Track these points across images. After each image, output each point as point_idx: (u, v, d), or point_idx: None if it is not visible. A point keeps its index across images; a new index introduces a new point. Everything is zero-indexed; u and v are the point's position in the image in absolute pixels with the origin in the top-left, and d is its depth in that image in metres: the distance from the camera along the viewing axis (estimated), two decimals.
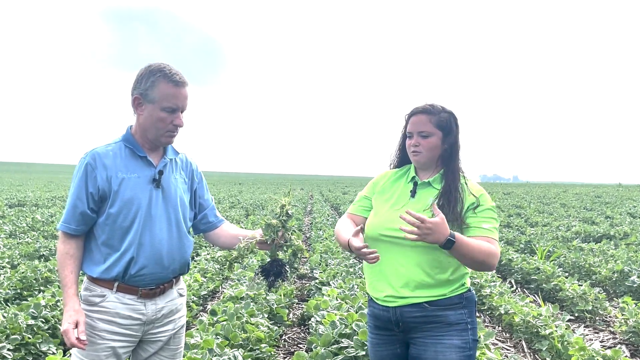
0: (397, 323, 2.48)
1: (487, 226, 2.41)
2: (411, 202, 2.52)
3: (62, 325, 2.31)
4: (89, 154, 2.44)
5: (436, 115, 2.50)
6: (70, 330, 2.27)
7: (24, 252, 9.16)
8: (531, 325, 5.35)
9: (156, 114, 2.42)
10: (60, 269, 2.42)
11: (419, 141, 2.51)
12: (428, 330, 2.43)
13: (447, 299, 2.44)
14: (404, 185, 2.61)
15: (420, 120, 2.51)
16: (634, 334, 5.51)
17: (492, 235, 2.40)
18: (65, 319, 2.30)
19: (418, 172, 2.60)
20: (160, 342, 2.59)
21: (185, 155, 2.72)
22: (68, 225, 2.43)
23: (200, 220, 2.73)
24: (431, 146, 2.50)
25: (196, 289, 6.54)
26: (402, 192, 2.58)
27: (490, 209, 2.48)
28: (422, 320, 2.43)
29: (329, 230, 12.37)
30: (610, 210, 19.81)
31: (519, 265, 8.38)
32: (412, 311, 2.44)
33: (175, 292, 2.63)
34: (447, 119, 2.52)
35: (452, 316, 2.43)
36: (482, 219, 2.43)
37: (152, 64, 2.44)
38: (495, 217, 2.48)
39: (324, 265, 8.06)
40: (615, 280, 7.73)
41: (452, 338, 2.41)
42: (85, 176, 2.41)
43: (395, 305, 2.46)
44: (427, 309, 2.42)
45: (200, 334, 4.36)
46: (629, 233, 12.69)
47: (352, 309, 5.06)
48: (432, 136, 2.50)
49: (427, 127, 2.49)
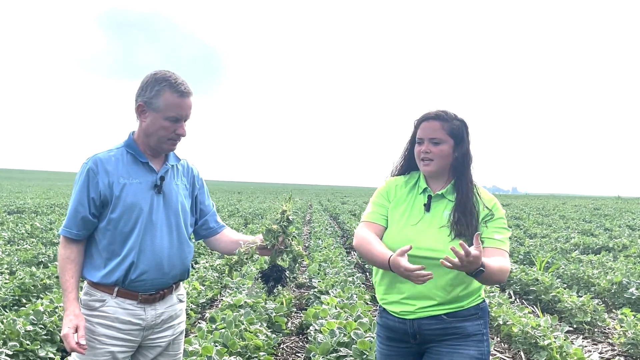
0: (414, 335, 2.43)
1: (499, 237, 2.37)
2: (427, 217, 2.45)
3: (62, 329, 2.31)
4: (90, 159, 2.45)
5: (449, 122, 2.43)
6: (70, 334, 2.27)
7: (23, 258, 9.16)
8: (530, 336, 5.34)
9: (159, 122, 2.43)
10: (61, 274, 2.42)
11: (430, 148, 2.42)
12: (445, 341, 2.40)
13: (464, 310, 2.41)
14: (417, 198, 2.51)
15: (432, 127, 2.43)
16: (633, 345, 5.51)
17: (504, 247, 2.36)
18: (66, 323, 2.31)
19: (429, 182, 2.52)
20: (159, 348, 2.59)
21: (187, 161, 2.72)
22: (69, 230, 2.43)
23: (201, 226, 2.73)
24: (443, 154, 2.42)
25: (195, 296, 6.53)
26: (416, 206, 2.50)
27: (502, 218, 2.43)
28: (440, 332, 2.39)
29: (327, 239, 12.36)
30: (609, 222, 19.82)
31: (517, 277, 8.38)
32: (431, 323, 2.39)
33: (175, 298, 2.64)
34: (460, 127, 2.45)
35: (469, 327, 2.40)
36: (494, 229, 2.38)
37: (158, 72, 2.45)
38: (506, 227, 2.43)
39: (323, 274, 8.05)
40: (614, 292, 7.72)
41: (469, 349, 2.38)
42: (87, 181, 2.41)
43: (413, 317, 2.41)
44: (445, 320, 2.38)
45: (199, 341, 4.35)
46: (627, 245, 12.69)
47: (350, 318, 5.06)
48: (443, 143, 2.42)
49: (439, 134, 2.41)
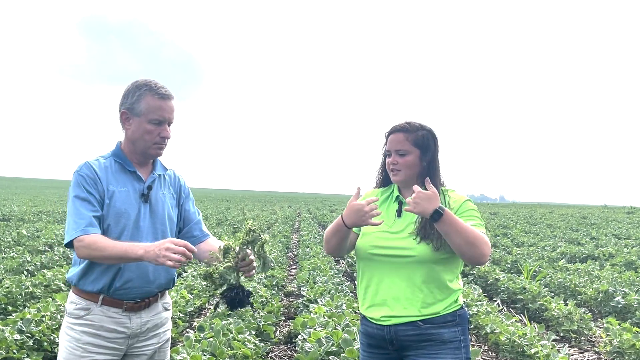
0: (391, 341, 2.47)
1: (473, 223, 2.41)
2: (398, 221, 2.54)
3: (156, 257, 2.15)
4: (84, 164, 2.44)
5: (413, 133, 2.52)
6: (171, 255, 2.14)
7: (9, 266, 9.07)
8: (517, 345, 5.37)
9: (143, 126, 2.44)
10: (108, 251, 2.26)
11: (397, 159, 2.52)
12: (422, 349, 2.43)
13: (440, 317, 2.44)
14: (390, 205, 2.62)
15: (398, 139, 2.53)
16: (618, 354, 5.54)
17: (480, 229, 2.40)
18: (155, 251, 2.17)
19: (402, 190, 2.61)
20: (144, 356, 2.58)
21: (174, 171, 2.73)
22: (82, 229, 2.31)
23: (184, 234, 2.69)
24: (409, 164, 2.51)
25: (182, 305, 6.50)
26: (388, 212, 2.59)
27: (473, 210, 2.49)
28: (416, 338, 2.43)
29: (316, 247, 12.35)
30: (595, 231, 19.97)
31: (505, 285, 8.43)
32: (407, 329, 2.43)
33: (161, 306, 2.63)
34: (425, 137, 2.53)
35: (446, 334, 2.43)
36: (467, 218, 2.43)
37: (139, 80, 2.48)
38: (478, 217, 2.48)
39: (312, 282, 8.04)
40: (600, 301, 7.78)
41: (445, 357, 2.41)
42: (86, 183, 2.39)
43: (390, 323, 2.46)
44: (421, 327, 2.42)
45: (186, 350, 4.33)
46: (614, 254, 12.80)
47: (339, 327, 5.06)
48: (409, 154, 2.51)
49: (405, 146, 2.51)
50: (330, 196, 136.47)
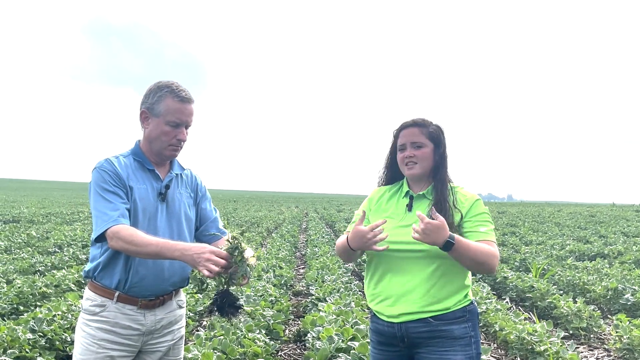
0: (402, 339, 2.49)
1: (484, 229, 2.46)
2: (408, 216, 2.56)
3: (194, 261, 2.14)
4: (104, 161, 2.47)
5: (426, 127, 2.58)
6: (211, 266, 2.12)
7: (20, 267, 9.15)
8: (526, 342, 5.37)
9: (161, 127, 2.48)
10: (144, 247, 2.25)
11: (413, 152, 2.55)
12: (433, 345, 2.44)
13: (450, 313, 2.45)
14: (399, 200, 2.64)
15: (413, 132, 2.57)
16: (628, 351, 5.54)
17: (490, 238, 2.45)
18: (193, 256, 2.15)
19: (411, 185, 2.64)
20: (159, 353, 2.62)
21: (191, 170, 2.77)
22: (115, 219, 2.31)
23: (201, 232, 2.74)
24: (425, 156, 2.55)
25: (192, 304, 6.54)
26: (398, 207, 2.62)
27: (485, 213, 2.53)
28: (427, 335, 2.44)
29: (324, 247, 12.38)
30: (604, 229, 19.90)
31: (514, 283, 8.42)
32: (418, 326, 2.45)
33: (175, 304, 2.66)
34: (437, 131, 2.59)
35: (456, 330, 2.44)
36: (478, 223, 2.48)
37: (162, 81, 2.52)
38: (490, 220, 2.52)
39: (321, 281, 8.07)
40: (609, 298, 7.76)
41: (456, 353, 2.42)
42: (110, 178, 2.41)
43: (400, 321, 2.47)
44: (432, 323, 2.43)
45: (197, 349, 4.37)
46: (622, 252, 12.76)
47: (348, 324, 5.08)
48: (425, 147, 2.55)
49: (420, 138, 2.56)
50: (337, 196, 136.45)
